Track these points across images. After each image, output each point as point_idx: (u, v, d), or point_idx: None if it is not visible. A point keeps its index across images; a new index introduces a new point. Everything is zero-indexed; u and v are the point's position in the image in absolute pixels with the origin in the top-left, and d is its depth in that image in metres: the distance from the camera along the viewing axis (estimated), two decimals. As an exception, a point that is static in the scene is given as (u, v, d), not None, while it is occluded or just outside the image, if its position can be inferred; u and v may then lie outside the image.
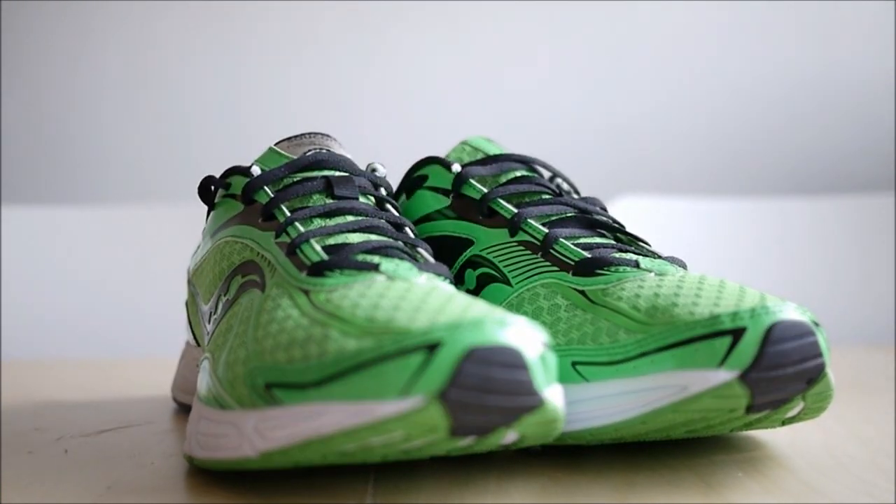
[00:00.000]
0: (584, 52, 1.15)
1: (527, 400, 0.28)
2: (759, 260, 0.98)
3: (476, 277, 0.42)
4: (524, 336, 0.29)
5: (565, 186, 0.45)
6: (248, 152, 0.46)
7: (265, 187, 0.40)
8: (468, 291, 0.42)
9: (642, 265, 0.37)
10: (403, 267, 0.34)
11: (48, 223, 0.97)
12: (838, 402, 0.47)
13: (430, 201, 0.44)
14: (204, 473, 0.33)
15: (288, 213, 0.38)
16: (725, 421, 0.33)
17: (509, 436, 0.29)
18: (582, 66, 1.15)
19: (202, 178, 0.43)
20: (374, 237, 0.37)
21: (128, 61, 1.15)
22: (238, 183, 0.41)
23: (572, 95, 1.14)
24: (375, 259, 0.35)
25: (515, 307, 0.39)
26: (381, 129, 1.11)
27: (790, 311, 0.32)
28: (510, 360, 0.28)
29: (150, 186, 1.13)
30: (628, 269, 0.37)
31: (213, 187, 0.43)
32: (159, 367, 0.61)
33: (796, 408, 0.34)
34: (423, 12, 1.14)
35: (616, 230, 0.41)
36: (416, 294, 0.31)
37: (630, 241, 0.41)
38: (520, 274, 0.40)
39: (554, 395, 0.30)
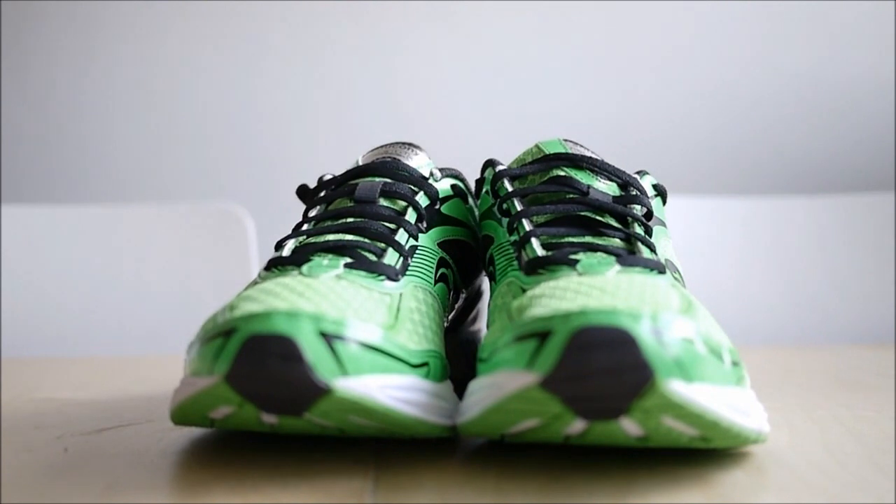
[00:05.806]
0: (586, 52, 1.15)
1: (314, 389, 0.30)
2: (758, 259, 0.98)
3: (488, 275, 0.43)
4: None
5: (601, 187, 0.42)
6: (249, 151, 0.46)
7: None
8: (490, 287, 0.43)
9: (578, 265, 0.35)
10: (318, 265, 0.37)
11: (48, 222, 0.97)
12: (838, 401, 0.47)
13: (487, 201, 0.45)
14: (203, 472, 0.33)
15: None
16: (554, 426, 0.31)
17: None
18: (584, 66, 1.15)
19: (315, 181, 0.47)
20: (348, 237, 0.40)
21: (129, 61, 1.15)
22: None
23: (574, 95, 1.14)
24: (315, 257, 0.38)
25: (492, 304, 0.39)
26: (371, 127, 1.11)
27: (620, 318, 0.28)
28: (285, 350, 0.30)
29: (151, 186, 1.13)
30: (563, 268, 0.36)
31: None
32: (159, 366, 0.61)
33: (634, 424, 0.30)
34: (448, 19, 1.14)
35: (620, 230, 0.39)
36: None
37: (626, 241, 0.39)
38: (501, 272, 0.40)
39: (346, 384, 0.30)
